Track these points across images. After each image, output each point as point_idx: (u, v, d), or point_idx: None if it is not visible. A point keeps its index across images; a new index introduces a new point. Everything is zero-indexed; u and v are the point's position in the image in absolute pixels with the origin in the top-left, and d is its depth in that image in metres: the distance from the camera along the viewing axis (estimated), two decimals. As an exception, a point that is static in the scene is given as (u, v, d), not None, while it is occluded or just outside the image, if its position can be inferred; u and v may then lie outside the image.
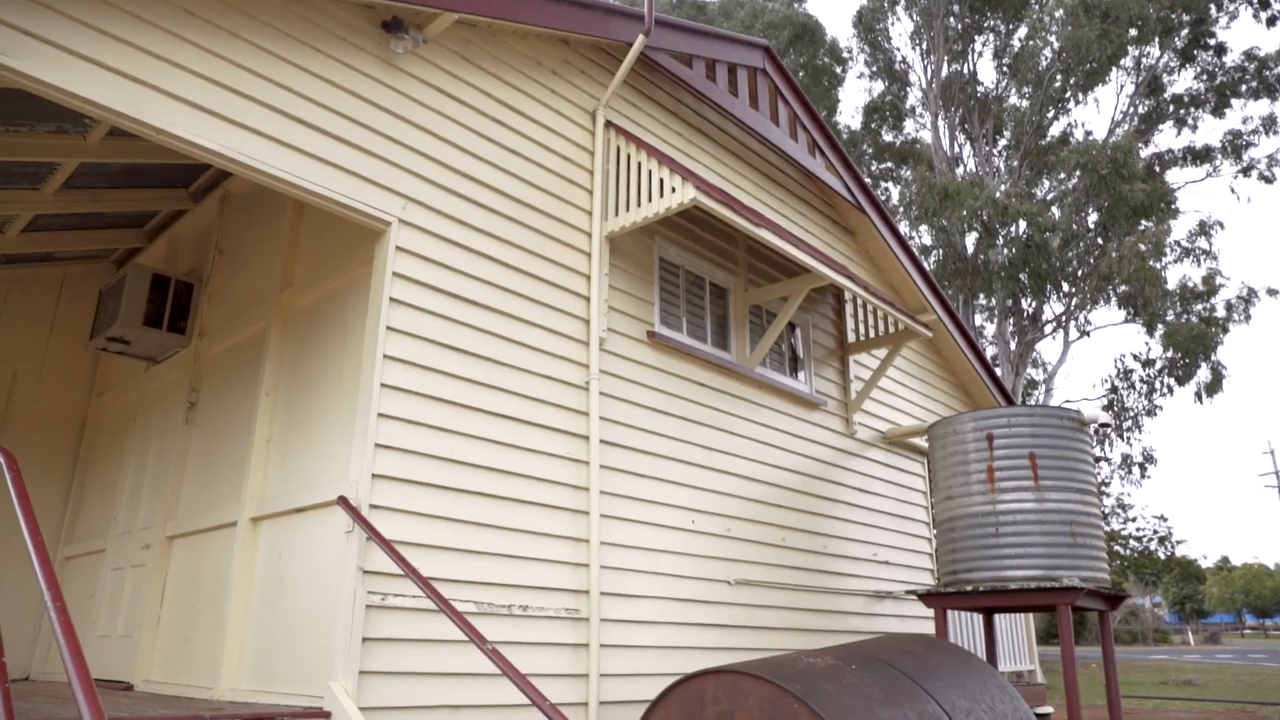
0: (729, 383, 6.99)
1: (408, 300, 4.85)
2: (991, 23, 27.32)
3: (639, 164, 6.14)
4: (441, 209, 5.18)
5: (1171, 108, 26.28)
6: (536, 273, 5.65)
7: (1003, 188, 23.42)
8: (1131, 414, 25.18)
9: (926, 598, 6.38)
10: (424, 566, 4.57)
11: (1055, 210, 23.45)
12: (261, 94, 4.47)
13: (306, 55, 4.73)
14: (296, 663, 4.71)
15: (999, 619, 9.66)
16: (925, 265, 9.69)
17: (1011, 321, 24.98)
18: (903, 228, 25.50)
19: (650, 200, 5.94)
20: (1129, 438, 25.44)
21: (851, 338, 8.75)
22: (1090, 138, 25.11)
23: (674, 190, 5.77)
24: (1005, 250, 23.09)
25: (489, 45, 5.80)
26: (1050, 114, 25.84)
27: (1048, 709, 9.31)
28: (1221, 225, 23.42)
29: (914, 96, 29.78)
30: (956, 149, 27.80)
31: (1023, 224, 22.57)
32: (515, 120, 5.84)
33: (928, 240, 25.66)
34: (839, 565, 7.68)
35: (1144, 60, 25.78)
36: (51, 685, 6.34)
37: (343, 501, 4.35)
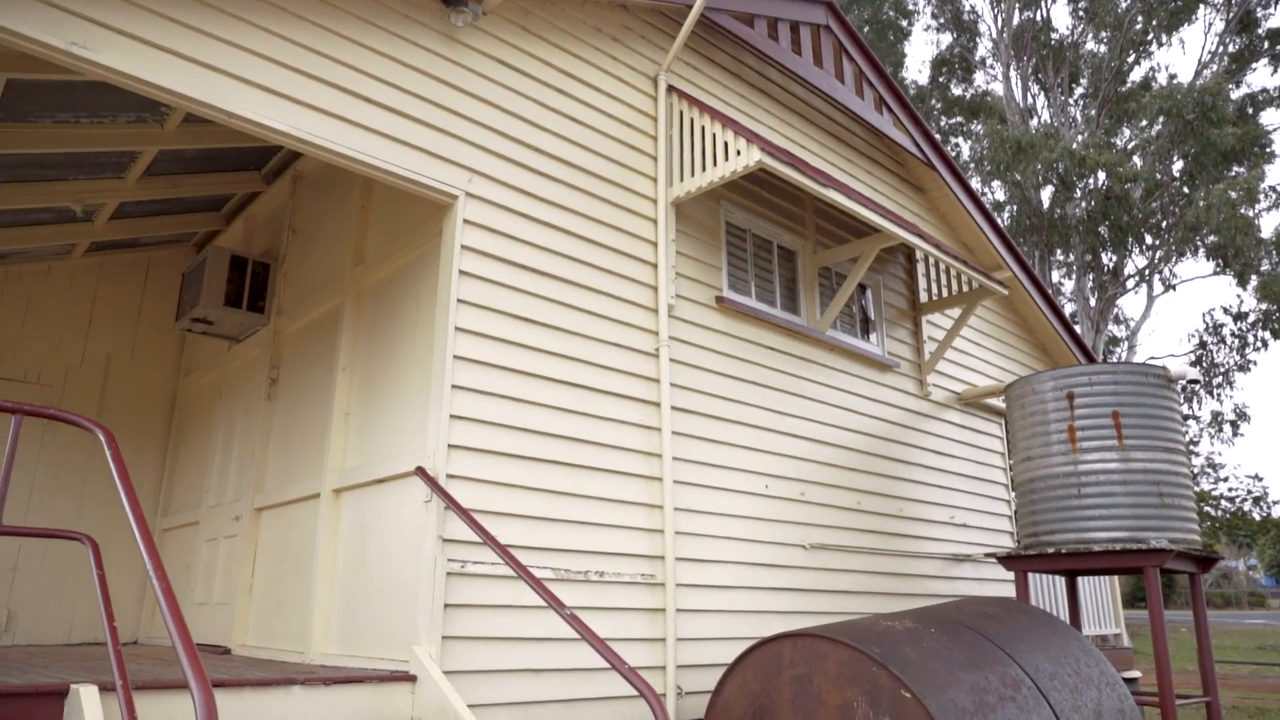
0: (799, 346, 6.92)
1: (477, 272, 4.90)
2: (1066, -35, 26.20)
3: (702, 128, 6.08)
4: (507, 181, 5.21)
5: (1266, 44, 24.88)
6: (603, 241, 5.65)
7: (1080, 138, 22.57)
8: (1222, 370, 24.21)
9: (1006, 560, 6.27)
10: (501, 534, 4.66)
11: (1136, 159, 22.52)
12: (327, 74, 4.53)
13: (369, 33, 4.78)
14: (382, 628, 4.86)
15: (1082, 582, 9.45)
16: (999, 221, 9.40)
17: (1091, 277, 24.16)
18: (974, 184, 24.78)
19: (715, 164, 5.88)
20: (1219, 394, 24.49)
21: (924, 298, 8.56)
22: (1175, 81, 23.99)
23: (739, 153, 5.70)
24: (1083, 203, 22.28)
25: (548, 14, 5.78)
26: (1130, 58, 24.74)
27: (1135, 673, 9.10)
28: (1321, 167, 22.21)
29: (984, 47, 28.80)
30: (1029, 100, 26.84)
31: (1102, 175, 21.73)
32: (577, 89, 5.82)
33: (1001, 196, 24.93)
34: (915, 528, 7.58)
35: (1234, -5, 24.45)
36: (157, 648, 6.67)
37: (420, 472, 4.45)
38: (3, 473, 3.31)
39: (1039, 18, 26.35)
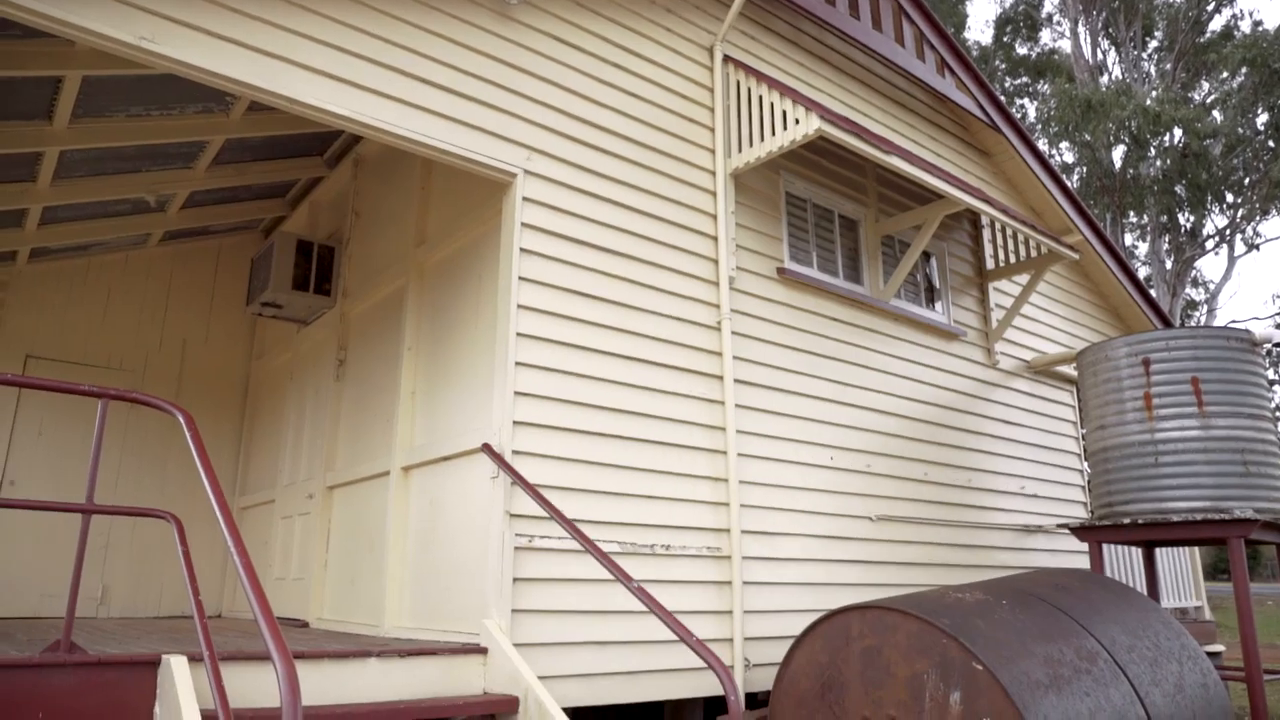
0: (863, 316, 6.82)
1: (537, 249, 4.93)
2: (1138, -88, 25.10)
3: (760, 97, 5.99)
4: (565, 157, 5.21)
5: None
6: (662, 215, 5.63)
7: (1154, 94, 21.70)
8: (1310, 332, 23.15)
9: (1080, 531, 6.12)
10: (567, 509, 4.71)
11: (1216, 114, 21.57)
12: (386, 57, 4.58)
13: (426, 14, 4.81)
14: (452, 602, 4.96)
15: (1160, 553, 9.19)
16: (1067, 184, 9.10)
17: (1166, 239, 23.30)
18: (1041, 146, 24.02)
19: (773, 134, 5.79)
20: (1307, 358, 23.47)
21: (990, 264, 8.36)
22: (1260, 29, 22.86)
23: (797, 122, 5.61)
24: (1158, 162, 21.46)
25: (602, -13, 5.74)
26: (1210, 7, 23.64)
27: (1218, 647, 8.84)
28: None
29: (1050, 3, 27.81)
30: (1099, 57, 25.86)
31: (1178, 132, 20.88)
32: (632, 62, 5.78)
33: (1069, 158, 24.15)
34: (984, 499, 7.45)
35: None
36: (239, 622, 6.92)
37: (486, 449, 4.52)
38: (92, 455, 3.45)
39: (1109, -31, 25.34)
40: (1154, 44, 25.43)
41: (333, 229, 7.91)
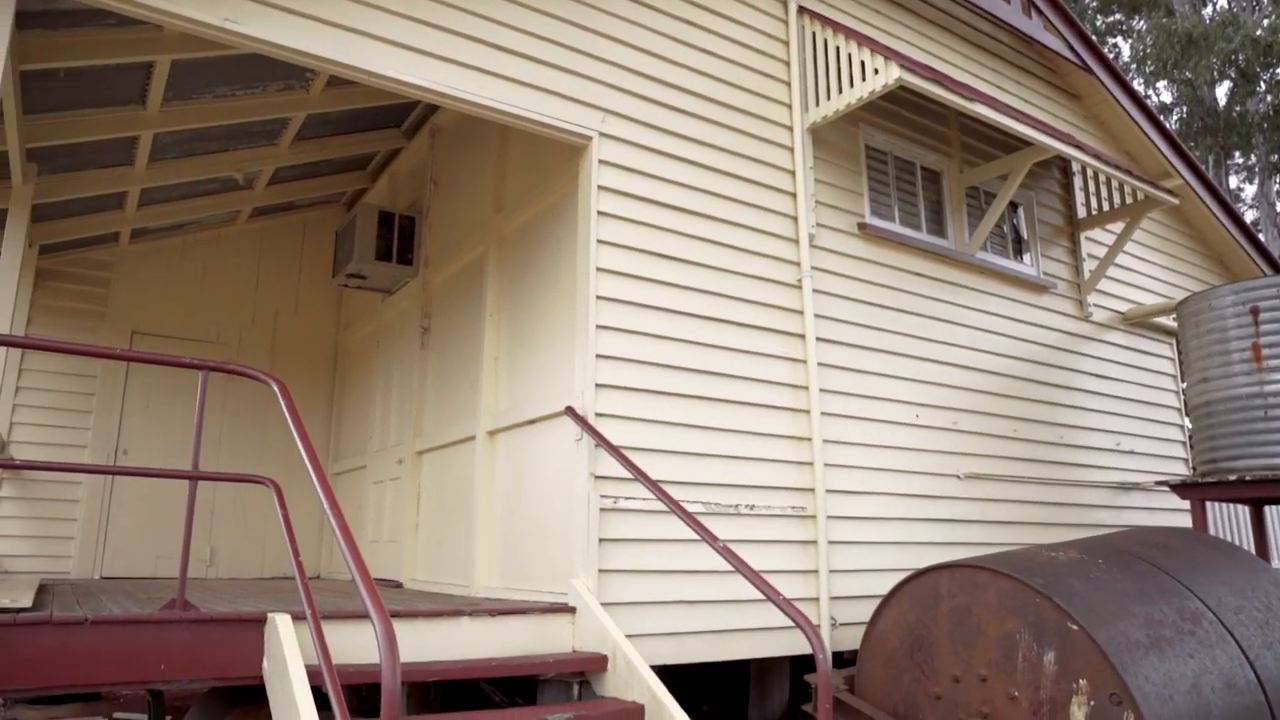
0: (948, 270, 6.64)
1: (615, 212, 4.92)
2: None
3: (837, 48, 5.83)
4: (639, 118, 5.17)
5: None
6: (739, 173, 5.56)
7: (1265, 23, 20.37)
8: None
9: (1181, 489, 5.90)
10: (650, 470, 4.74)
11: (1332, 43, 20.13)
12: (461, 25, 4.60)
13: (498, -21, 4.80)
14: (539, 563, 5.07)
15: (1270, 512, 8.79)
16: (1166, 125, 8.65)
17: (1277, 180, 22.00)
18: (1136, 86, 22.85)
19: (852, 85, 5.64)
20: None
21: (1082, 213, 8.02)
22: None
23: (876, 72, 5.45)
24: (1268, 97, 20.20)
25: (673, -58, 5.64)
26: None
27: (1330, 605, 8.44)
28: None
29: (1146, -67, 26.23)
30: (1201, -13, 24.34)
31: (1290, 64, 19.59)
32: (705, 18, 5.68)
33: (1167, 97, 22.94)
34: (1077, 456, 7.23)
35: None
36: (337, 583, 7.21)
37: (570, 411, 4.57)
38: (195, 424, 3.61)
39: (1210, -107, 23.77)
40: (1262, -30, 23.82)
41: (413, 199, 8.04)
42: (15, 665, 2.96)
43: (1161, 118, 8.55)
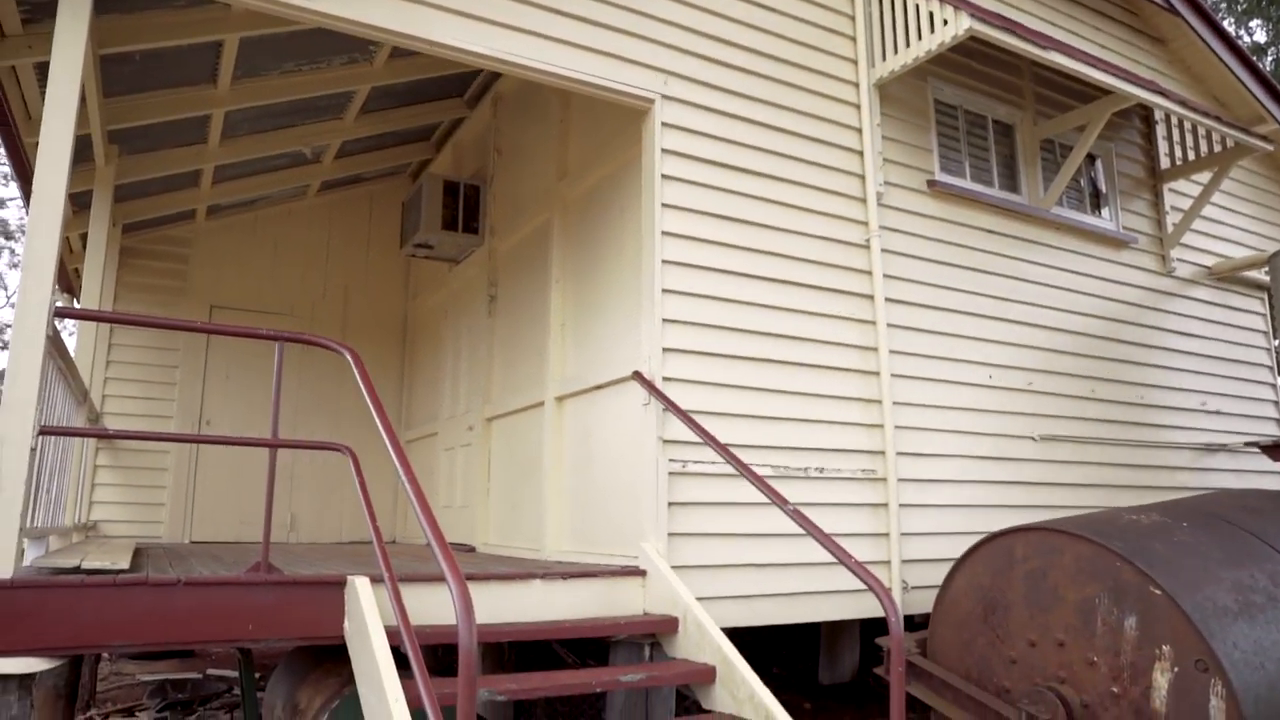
0: (1021, 227, 6.43)
1: (678, 175, 4.88)
2: None
3: (904, 0, 5.65)
4: (702, 79, 5.10)
5: None
6: (805, 132, 5.45)
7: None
8: None
9: (1272, 450, 5.67)
10: (719, 433, 4.73)
11: None
12: (520, -11, 4.58)
13: (556, -58, 4.76)
14: (609, 527, 5.12)
15: (1365, 470, 8.40)
16: (1260, 66, 8.20)
17: (1375, 123, 20.73)
18: (1226, 26, 21.68)
19: (919, 38, 5.47)
20: None
21: (1165, 164, 7.68)
22: None
23: (945, 23, 5.27)
24: (1367, 35, 19.01)
25: (733, -104, 5.51)
26: None
27: None
28: None
29: None
30: (1296, -81, 22.90)
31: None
32: (767, -27, 5.55)
33: (1261, 37, 21.74)
34: (1159, 417, 6.99)
35: None
36: (411, 547, 7.40)
37: (637, 376, 4.58)
38: (274, 393, 3.72)
39: None
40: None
41: (477, 168, 8.09)
42: (117, 623, 3.11)
43: (1254, 59, 8.11)
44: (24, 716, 2.86)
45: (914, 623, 5.63)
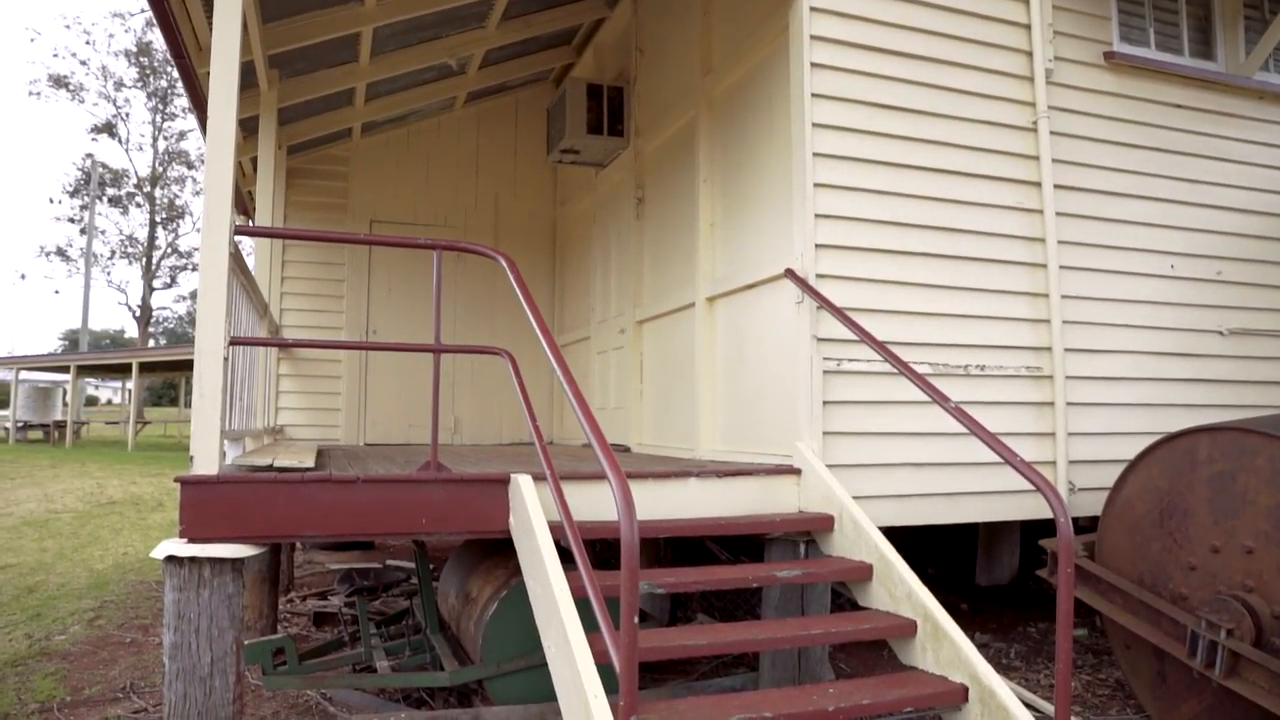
0: (1214, 99, 5.80)
1: (828, 63, 4.65)
2: None
3: None
4: (852, -44, 4.78)
5: None
6: (962, 6, 5.06)
7: None
8: None
9: None
10: (874, 331, 4.59)
11: None
12: (658, -127, 4.39)
13: None
14: (763, 426, 5.12)
15: None
16: None
17: None
18: None
19: (1100, -112, 4.91)
20: None
21: (1394, 15, 6.70)
22: None
23: None
24: None
25: None
26: None
27: None
28: None
29: None
30: None
31: None
32: None
33: None
34: (1373, 306, 6.29)
35: None
36: (568, 448, 7.67)
37: (790, 274, 4.49)
38: (434, 300, 3.87)
39: None
40: None
41: (619, 69, 7.98)
42: (307, 515, 3.39)
43: None
44: (238, 595, 3.18)
45: (1079, 525, 5.40)
